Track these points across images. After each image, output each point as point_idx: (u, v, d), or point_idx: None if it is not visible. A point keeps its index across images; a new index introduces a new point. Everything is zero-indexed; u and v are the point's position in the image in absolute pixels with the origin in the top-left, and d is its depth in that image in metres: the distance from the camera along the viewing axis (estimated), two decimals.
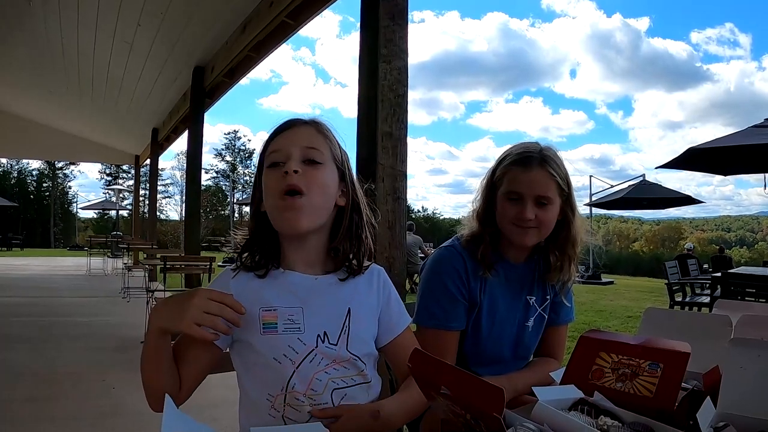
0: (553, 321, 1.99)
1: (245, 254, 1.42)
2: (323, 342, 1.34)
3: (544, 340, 2.01)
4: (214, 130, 73.39)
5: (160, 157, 14.50)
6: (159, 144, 13.47)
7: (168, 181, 56.41)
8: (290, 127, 1.39)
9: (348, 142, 1.52)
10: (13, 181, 55.47)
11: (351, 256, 1.44)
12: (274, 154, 1.35)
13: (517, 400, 1.66)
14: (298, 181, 1.30)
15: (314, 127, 1.40)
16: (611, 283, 18.68)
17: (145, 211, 17.67)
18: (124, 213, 33.97)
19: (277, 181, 1.31)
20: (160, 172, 16.12)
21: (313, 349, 1.32)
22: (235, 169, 61.94)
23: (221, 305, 1.21)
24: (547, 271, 1.91)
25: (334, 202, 1.39)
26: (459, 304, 1.83)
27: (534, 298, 1.93)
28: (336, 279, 1.43)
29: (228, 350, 1.40)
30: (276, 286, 1.37)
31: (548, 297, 1.97)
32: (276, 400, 1.31)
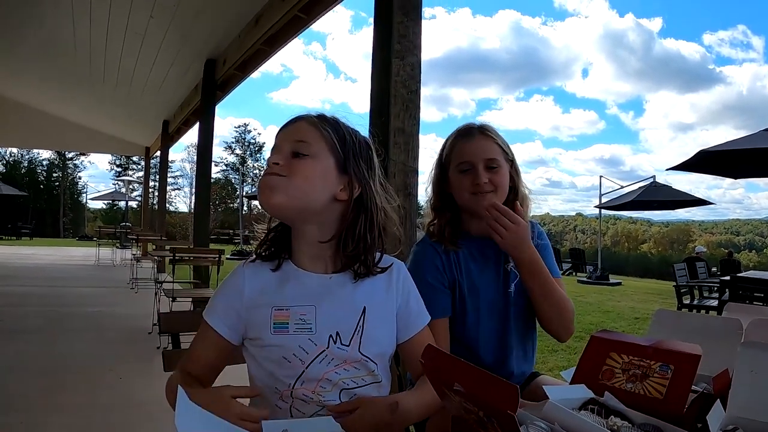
0: None
1: (263, 246, 1.45)
2: (335, 343, 1.34)
3: None
4: (224, 123, 73.95)
5: (170, 149, 14.53)
6: (169, 136, 13.50)
7: (178, 173, 56.63)
8: (290, 123, 1.41)
9: None
10: (23, 170, 55.71)
11: (359, 258, 1.41)
12: (273, 148, 1.38)
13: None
14: (277, 170, 1.32)
15: (309, 120, 1.40)
16: (619, 284, 18.60)
17: (155, 202, 17.72)
18: (134, 204, 34.08)
19: (265, 172, 1.35)
20: (169, 164, 16.13)
21: (324, 350, 1.33)
22: (245, 162, 62.09)
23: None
24: None
25: (327, 193, 1.37)
26: (439, 292, 1.88)
27: (511, 264, 1.95)
28: (346, 276, 1.42)
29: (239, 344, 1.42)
30: (288, 283, 1.38)
31: None
32: (283, 393, 1.33)
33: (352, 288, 1.41)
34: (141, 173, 35.28)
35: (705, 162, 9.09)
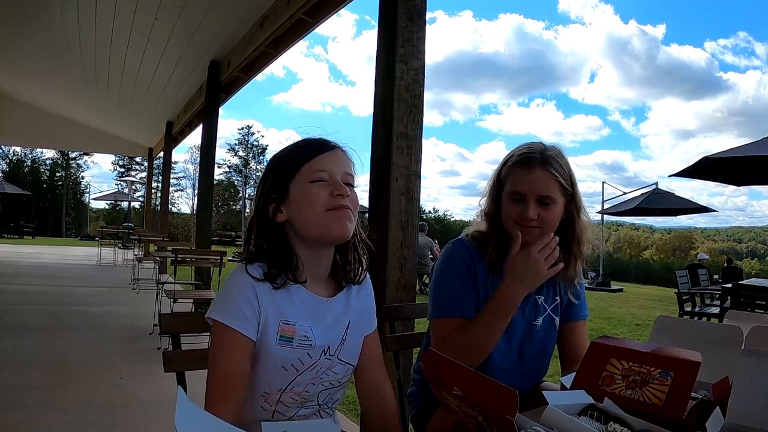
0: (566, 318, 2.00)
1: (259, 262, 1.42)
2: (325, 355, 1.45)
3: (567, 343, 2.00)
4: (225, 125, 74.03)
5: (173, 151, 14.53)
6: (173, 137, 13.50)
7: (180, 175, 56.61)
8: (329, 149, 1.45)
9: (362, 140, 1.60)
10: (26, 169, 55.83)
11: (355, 267, 1.53)
12: (320, 173, 1.40)
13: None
14: (350, 204, 1.40)
15: (346, 154, 1.49)
16: (621, 290, 18.62)
17: (157, 203, 17.64)
18: (136, 205, 34.09)
19: (328, 196, 1.38)
20: (172, 165, 16.08)
21: (316, 362, 1.43)
22: (248, 164, 62.17)
23: None
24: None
25: None
26: (472, 291, 1.87)
27: (542, 297, 1.94)
28: (340, 297, 1.51)
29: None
30: (291, 301, 1.41)
31: (557, 298, 1.97)
32: (270, 397, 1.40)
33: (343, 309, 1.51)
34: (144, 174, 35.31)
35: (708, 169, 9.07)
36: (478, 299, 1.87)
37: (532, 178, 1.80)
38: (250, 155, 63.34)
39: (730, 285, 8.74)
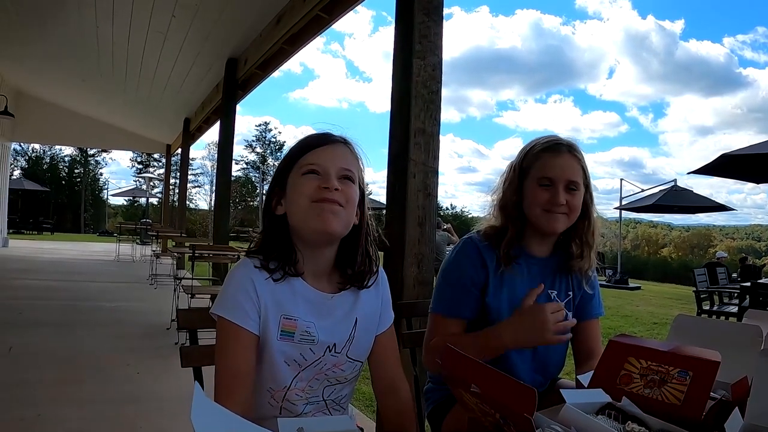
0: (581, 316, 1.98)
1: (259, 255, 1.44)
2: (330, 351, 1.44)
3: (580, 340, 1.99)
4: (242, 121, 74.05)
5: (191, 147, 14.61)
6: (190, 134, 13.57)
7: (198, 171, 56.87)
8: (327, 143, 1.44)
9: (379, 137, 1.58)
10: (45, 166, 56.37)
11: (361, 277, 1.50)
12: (311, 166, 1.39)
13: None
14: (339, 198, 1.36)
15: (348, 147, 1.47)
16: (638, 288, 18.48)
17: (175, 199, 17.74)
18: (154, 201, 34.28)
19: (315, 188, 1.36)
20: (190, 161, 16.14)
21: (320, 358, 1.43)
22: (265, 160, 62.32)
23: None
24: (569, 259, 1.94)
25: None
26: (471, 294, 1.86)
27: (555, 292, 1.94)
28: (346, 293, 1.49)
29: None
30: (293, 295, 1.41)
31: (570, 293, 1.97)
32: (276, 393, 1.41)
33: (349, 306, 1.50)
34: (162, 170, 35.47)
35: (727, 165, 9.01)
36: (480, 294, 1.87)
37: (561, 163, 1.83)
38: (268, 152, 63.50)
39: (748, 284, 8.66)
